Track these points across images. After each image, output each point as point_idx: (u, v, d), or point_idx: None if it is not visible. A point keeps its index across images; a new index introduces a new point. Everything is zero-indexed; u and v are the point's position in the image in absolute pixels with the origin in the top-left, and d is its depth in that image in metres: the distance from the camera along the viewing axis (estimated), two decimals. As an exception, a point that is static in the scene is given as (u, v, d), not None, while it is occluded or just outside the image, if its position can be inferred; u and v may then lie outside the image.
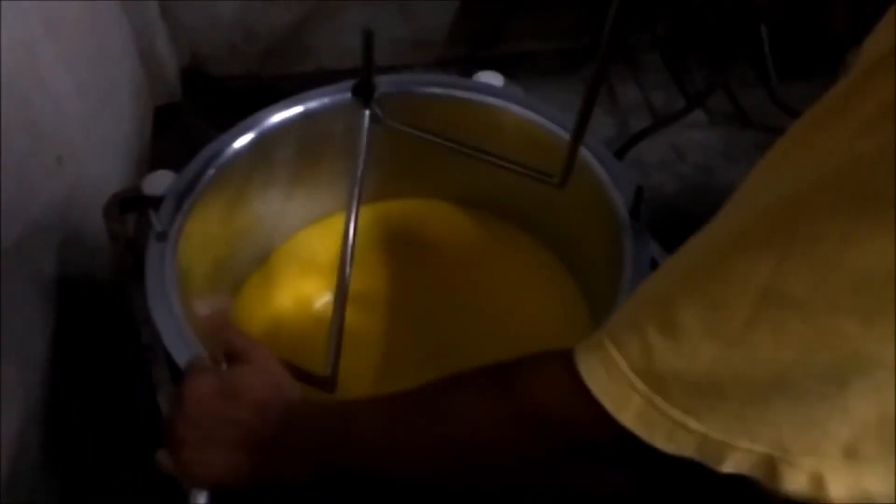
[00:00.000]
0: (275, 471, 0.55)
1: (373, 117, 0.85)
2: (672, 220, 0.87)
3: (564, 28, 1.60)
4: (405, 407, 0.52)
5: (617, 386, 0.39)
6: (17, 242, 0.88)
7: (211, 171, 0.86)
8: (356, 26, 1.53)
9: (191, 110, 1.49)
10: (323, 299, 1.00)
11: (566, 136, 0.89)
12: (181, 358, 0.73)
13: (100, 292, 1.09)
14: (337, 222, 1.04)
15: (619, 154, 1.38)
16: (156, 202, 0.84)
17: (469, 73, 1.00)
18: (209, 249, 0.88)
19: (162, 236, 0.80)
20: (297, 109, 0.93)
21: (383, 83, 0.89)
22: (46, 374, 0.94)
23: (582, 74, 1.59)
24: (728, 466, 0.37)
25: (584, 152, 0.86)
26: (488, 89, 0.96)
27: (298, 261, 1.02)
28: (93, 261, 1.11)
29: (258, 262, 1.01)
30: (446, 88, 0.95)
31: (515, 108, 0.93)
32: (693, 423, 0.37)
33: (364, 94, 0.85)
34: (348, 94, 0.92)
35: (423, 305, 0.98)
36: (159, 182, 0.85)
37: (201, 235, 0.85)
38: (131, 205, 0.91)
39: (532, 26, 1.59)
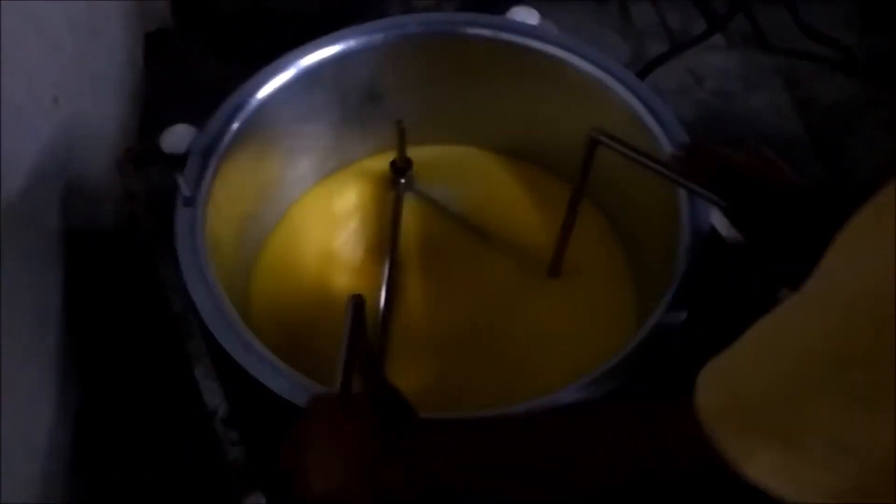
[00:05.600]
0: (388, 489, 0.54)
1: (406, 185, 0.97)
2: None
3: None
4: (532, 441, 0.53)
5: (745, 440, 0.40)
6: (20, 194, 0.83)
7: (235, 126, 0.80)
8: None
9: (182, 36, 1.39)
10: (346, 249, 0.96)
11: (596, 72, 0.86)
12: (220, 334, 0.69)
13: (108, 241, 1.04)
14: (358, 170, 1.01)
15: (636, 81, 1.33)
16: (176, 160, 0.79)
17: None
18: (235, 208, 0.83)
19: (189, 201, 0.75)
20: (322, 55, 0.86)
21: (418, 22, 0.85)
22: (61, 331, 0.90)
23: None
24: None
25: (635, 103, 0.82)
26: (517, 27, 0.91)
27: (322, 210, 0.98)
28: (98, 207, 1.05)
29: (280, 214, 0.96)
30: (483, 29, 0.89)
31: (553, 50, 0.88)
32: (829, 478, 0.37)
33: (400, 170, 0.96)
34: (376, 35, 0.88)
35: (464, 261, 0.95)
36: (179, 138, 0.79)
37: (227, 195, 0.80)
38: (146, 160, 0.85)
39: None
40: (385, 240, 0.93)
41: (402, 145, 0.91)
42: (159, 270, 0.78)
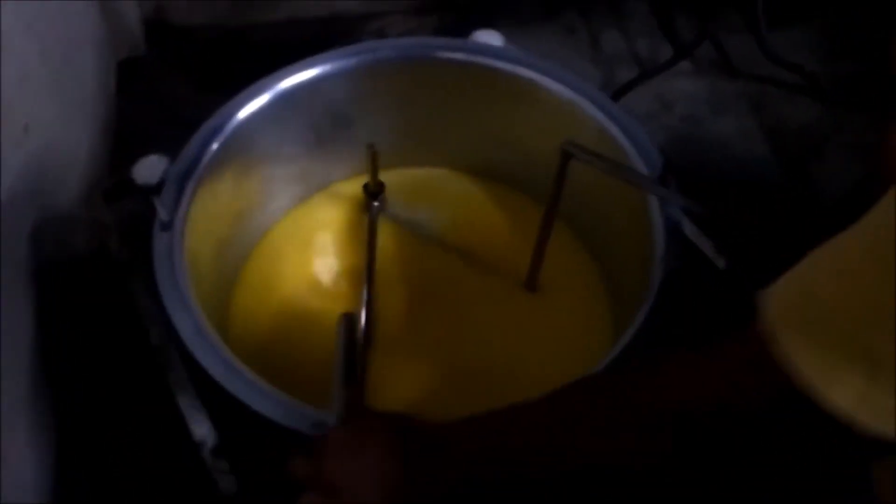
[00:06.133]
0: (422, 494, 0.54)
1: (380, 208, 0.97)
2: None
3: (543, -30, 1.54)
4: (559, 416, 0.54)
5: (833, 369, 0.38)
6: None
7: (211, 151, 0.80)
8: (329, -31, 1.47)
9: (155, 64, 1.39)
10: (324, 272, 0.97)
11: (568, 92, 0.88)
12: (205, 359, 0.69)
13: (79, 271, 1.03)
14: (334, 193, 1.01)
15: (607, 106, 1.35)
16: (149, 191, 0.78)
17: (448, 21, 0.98)
18: (212, 232, 0.83)
19: (167, 225, 0.74)
20: (296, 79, 0.87)
21: (391, 47, 0.86)
22: (34, 362, 0.89)
23: (562, 20, 1.54)
24: None
25: (607, 122, 0.84)
26: (489, 51, 0.92)
27: (299, 234, 0.99)
28: (69, 237, 1.04)
29: (259, 238, 0.96)
30: (456, 52, 0.90)
31: (526, 72, 0.90)
32: None
33: (373, 193, 0.96)
34: (349, 60, 0.89)
35: (437, 280, 0.96)
36: (151, 169, 0.79)
37: (204, 219, 0.80)
38: (119, 192, 0.84)
39: (510, -31, 1.53)
40: (362, 262, 0.93)
41: (374, 169, 0.92)
42: (135, 301, 0.77)
